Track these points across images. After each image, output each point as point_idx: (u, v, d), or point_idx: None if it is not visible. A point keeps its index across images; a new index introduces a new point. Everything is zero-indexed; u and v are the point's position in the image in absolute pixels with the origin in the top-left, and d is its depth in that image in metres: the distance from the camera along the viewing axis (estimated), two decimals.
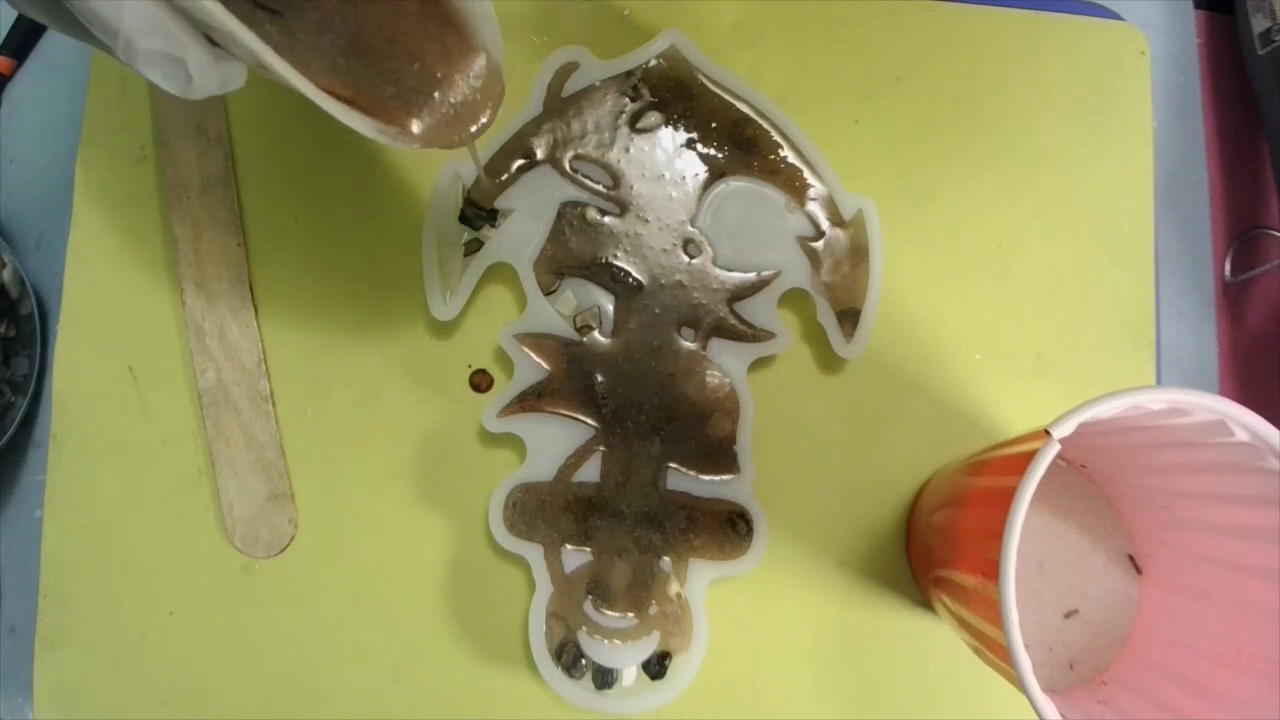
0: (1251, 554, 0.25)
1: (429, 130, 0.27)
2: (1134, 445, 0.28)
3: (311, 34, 0.27)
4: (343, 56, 0.27)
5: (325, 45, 0.27)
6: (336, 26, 0.27)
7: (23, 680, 0.32)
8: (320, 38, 0.27)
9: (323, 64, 0.27)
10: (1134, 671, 0.29)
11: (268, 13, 0.27)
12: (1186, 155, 0.37)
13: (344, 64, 0.27)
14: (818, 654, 0.33)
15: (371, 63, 0.28)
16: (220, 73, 0.24)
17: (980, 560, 0.25)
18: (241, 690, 0.32)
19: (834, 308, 0.33)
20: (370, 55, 0.28)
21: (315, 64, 0.27)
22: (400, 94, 0.27)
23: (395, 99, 0.27)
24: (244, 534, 0.32)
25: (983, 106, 0.36)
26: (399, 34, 0.27)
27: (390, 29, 0.27)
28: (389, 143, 0.26)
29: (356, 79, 0.27)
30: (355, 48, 0.27)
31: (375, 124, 0.25)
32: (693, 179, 0.33)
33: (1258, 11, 0.36)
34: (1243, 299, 0.37)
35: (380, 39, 0.27)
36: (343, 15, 0.27)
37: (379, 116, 0.26)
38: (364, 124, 0.25)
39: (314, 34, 0.27)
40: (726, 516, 0.32)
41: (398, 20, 0.27)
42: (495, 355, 0.34)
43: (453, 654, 0.32)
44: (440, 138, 0.27)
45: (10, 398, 0.34)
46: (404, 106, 0.27)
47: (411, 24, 0.27)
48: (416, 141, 0.27)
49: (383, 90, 0.27)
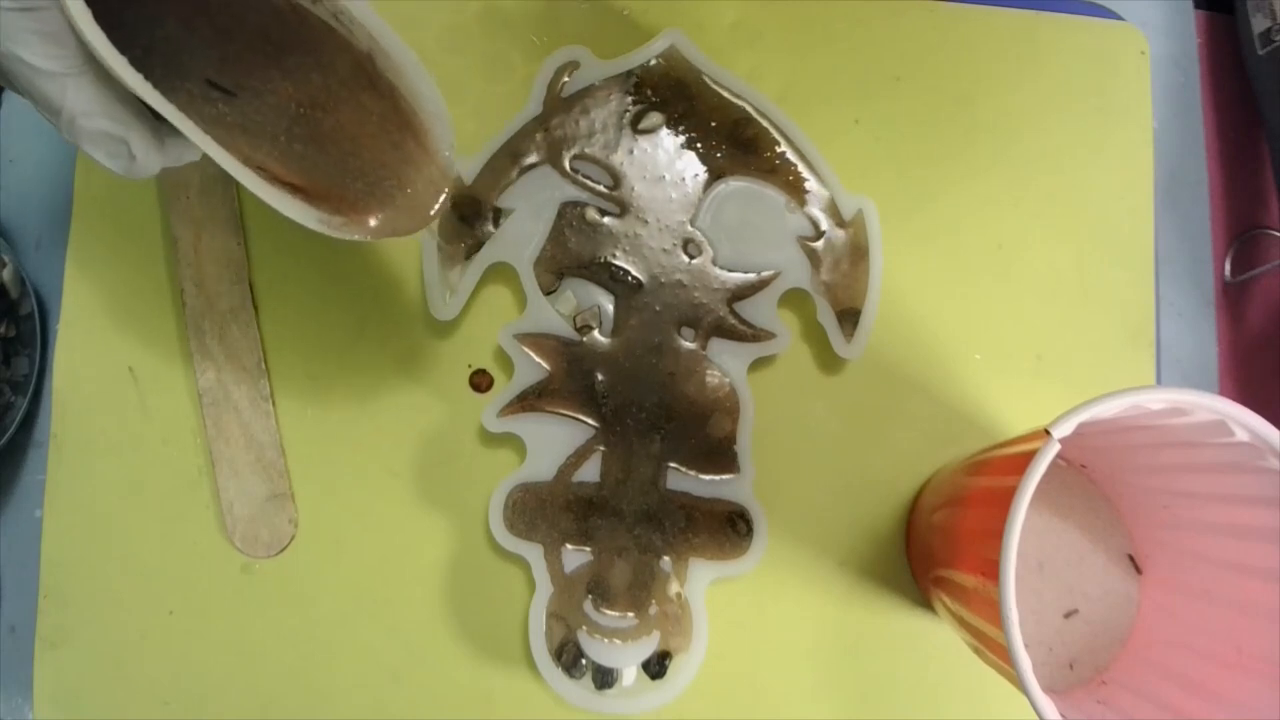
0: (1251, 554, 0.25)
1: (381, 224, 0.27)
2: (1134, 445, 0.28)
3: (268, 118, 0.27)
4: (300, 144, 0.28)
5: (280, 131, 0.27)
6: (293, 114, 0.27)
7: (23, 680, 0.32)
8: (275, 123, 0.27)
9: (277, 149, 0.27)
10: (1134, 671, 0.29)
11: (221, 92, 0.27)
12: (1186, 155, 0.37)
13: (300, 151, 0.28)
14: (818, 654, 0.33)
15: (330, 155, 0.28)
16: (169, 150, 0.24)
17: (980, 560, 0.25)
18: (241, 690, 0.32)
19: (834, 308, 0.33)
20: (328, 148, 0.28)
21: (269, 148, 0.27)
22: (360, 188, 0.28)
23: (354, 191, 0.27)
24: (244, 534, 0.32)
25: (983, 106, 0.36)
26: (360, 134, 0.27)
27: (351, 127, 0.27)
28: (332, 233, 0.26)
29: (312, 168, 0.27)
30: (313, 139, 0.28)
31: (318, 214, 0.25)
32: (693, 179, 0.33)
33: (1258, 11, 0.36)
34: (1243, 299, 0.37)
35: (340, 135, 0.28)
36: (299, 105, 0.27)
37: (329, 204, 0.26)
38: (304, 213, 0.25)
39: (270, 118, 0.27)
40: (726, 516, 0.32)
41: (359, 120, 0.27)
42: (495, 355, 0.34)
43: (453, 654, 0.32)
44: (390, 229, 0.27)
45: (10, 398, 0.34)
46: (362, 199, 0.27)
47: (372, 127, 0.27)
48: (367, 234, 0.27)
49: (340, 181, 0.27)
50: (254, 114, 0.27)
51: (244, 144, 0.27)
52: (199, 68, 0.27)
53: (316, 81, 0.26)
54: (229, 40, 0.26)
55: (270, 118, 0.27)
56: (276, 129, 0.27)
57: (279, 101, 0.27)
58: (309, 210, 0.25)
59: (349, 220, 0.26)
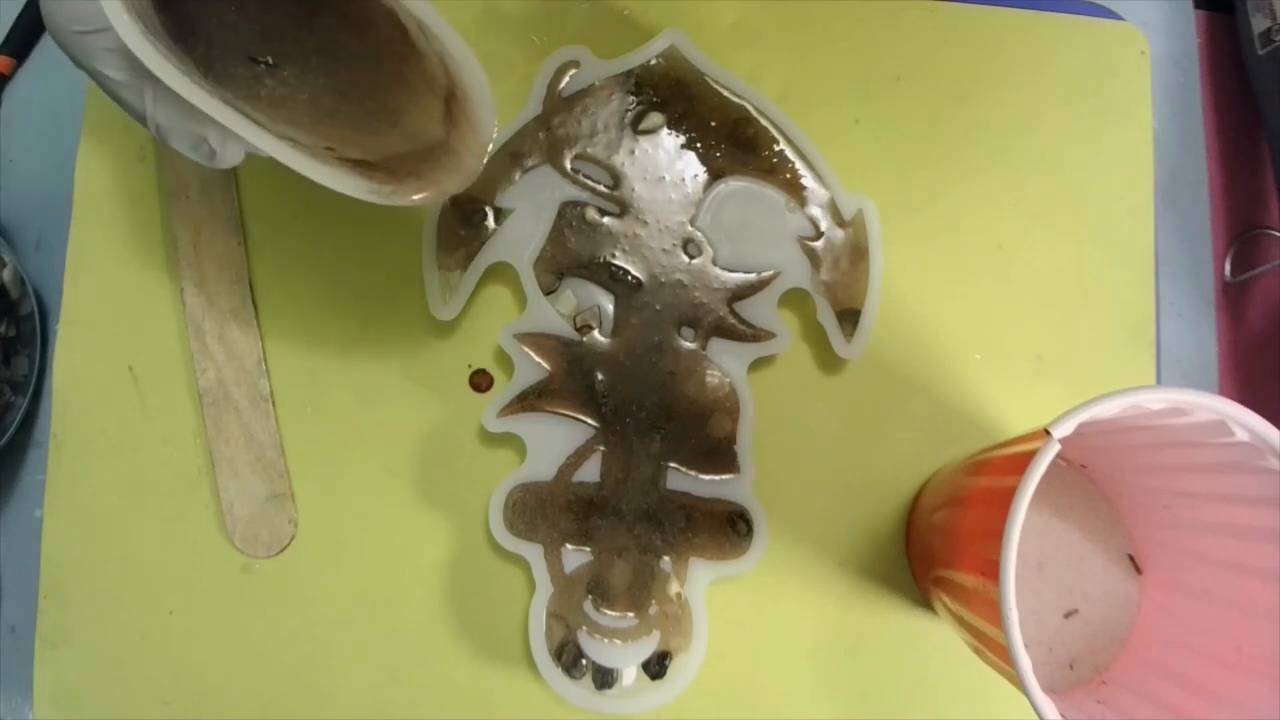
0: (1251, 554, 0.25)
1: (428, 185, 0.27)
2: (1134, 445, 0.28)
3: (311, 85, 0.28)
4: (345, 107, 0.28)
5: (323, 96, 0.28)
6: (334, 82, 0.28)
7: (23, 680, 0.32)
8: (316, 89, 0.28)
9: (322, 116, 0.28)
10: (1134, 671, 0.29)
11: (263, 66, 0.28)
12: (1186, 155, 0.37)
13: (346, 113, 0.28)
14: (818, 654, 0.33)
15: (373, 116, 0.28)
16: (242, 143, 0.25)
17: (980, 560, 0.25)
18: (241, 690, 0.32)
19: (834, 308, 0.33)
20: (371, 109, 0.28)
21: (313, 117, 0.28)
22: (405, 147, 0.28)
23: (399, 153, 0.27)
24: (244, 534, 0.32)
25: (983, 106, 0.36)
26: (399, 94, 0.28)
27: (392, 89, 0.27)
28: (383, 201, 0.26)
29: (357, 132, 0.28)
30: (356, 102, 0.28)
31: (368, 184, 0.25)
32: (693, 179, 0.33)
33: (1258, 11, 0.36)
34: (1243, 299, 0.37)
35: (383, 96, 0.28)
36: (338, 72, 0.28)
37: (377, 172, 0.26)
38: (354, 185, 0.25)
39: (312, 85, 0.28)
40: (726, 516, 0.32)
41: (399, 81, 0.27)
42: (495, 355, 0.34)
43: (453, 654, 0.32)
44: (438, 191, 0.27)
45: (10, 398, 0.34)
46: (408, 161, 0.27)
47: (412, 88, 0.27)
48: (417, 198, 0.26)
49: (385, 143, 0.28)
50: (297, 84, 0.28)
51: (294, 117, 0.27)
52: (244, 46, 0.27)
53: (355, 45, 0.27)
54: (268, 9, 0.27)
55: (312, 84, 0.28)
56: (318, 94, 0.28)
57: (319, 66, 0.28)
58: (359, 181, 0.25)
59: (397, 187, 0.26)
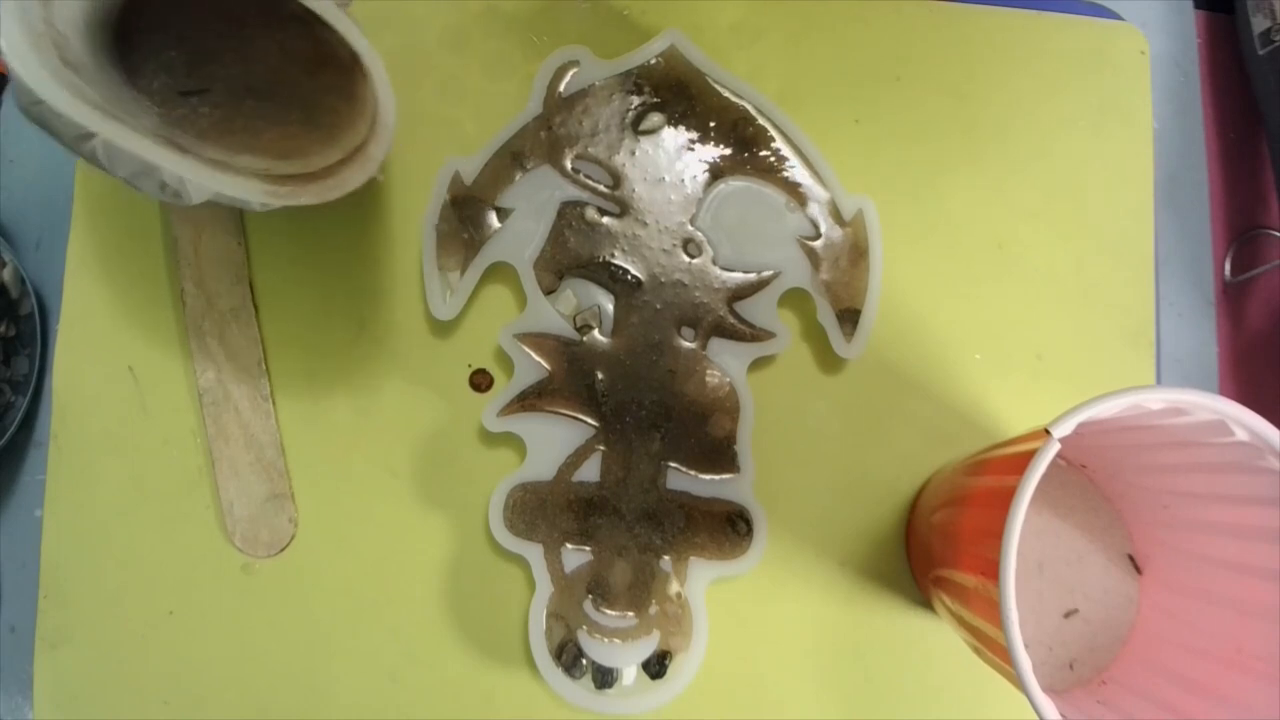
0: (1252, 554, 0.25)
1: (327, 179, 0.27)
2: (1134, 445, 0.28)
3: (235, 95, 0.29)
4: (255, 100, 0.29)
5: (246, 105, 0.29)
6: (240, 78, 0.29)
7: (23, 680, 0.32)
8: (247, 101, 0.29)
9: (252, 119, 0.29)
10: (1134, 671, 0.29)
11: (198, 95, 0.29)
12: (1186, 155, 0.37)
13: (257, 106, 0.29)
14: (818, 654, 0.33)
15: (281, 103, 0.29)
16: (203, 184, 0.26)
17: (980, 560, 0.25)
18: (241, 690, 0.32)
19: (834, 307, 0.33)
20: (285, 103, 0.29)
21: (244, 122, 0.29)
22: (317, 135, 0.29)
23: (312, 140, 0.28)
24: (244, 534, 0.32)
25: (983, 106, 0.36)
26: (296, 84, 0.28)
27: (282, 76, 0.28)
28: (279, 203, 0.26)
29: (275, 117, 0.29)
30: (266, 94, 0.29)
31: (263, 187, 0.26)
32: (693, 179, 0.33)
33: (1258, 11, 0.36)
34: (1243, 299, 0.37)
35: (283, 90, 0.29)
36: (244, 70, 0.29)
37: (293, 159, 0.28)
38: (248, 188, 0.26)
39: (236, 96, 0.29)
40: (726, 516, 0.32)
41: (287, 68, 0.28)
42: (495, 355, 0.34)
43: (453, 654, 0.32)
44: (338, 186, 0.27)
45: (10, 397, 0.34)
46: (320, 146, 0.28)
47: (298, 73, 0.28)
48: (316, 195, 0.27)
49: (301, 132, 0.29)
50: (225, 99, 0.29)
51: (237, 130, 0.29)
52: (184, 75, 0.29)
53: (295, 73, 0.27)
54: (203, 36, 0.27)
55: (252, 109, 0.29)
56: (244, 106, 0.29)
57: (230, 75, 0.29)
58: (252, 184, 0.26)
59: (296, 188, 0.27)
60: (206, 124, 0.29)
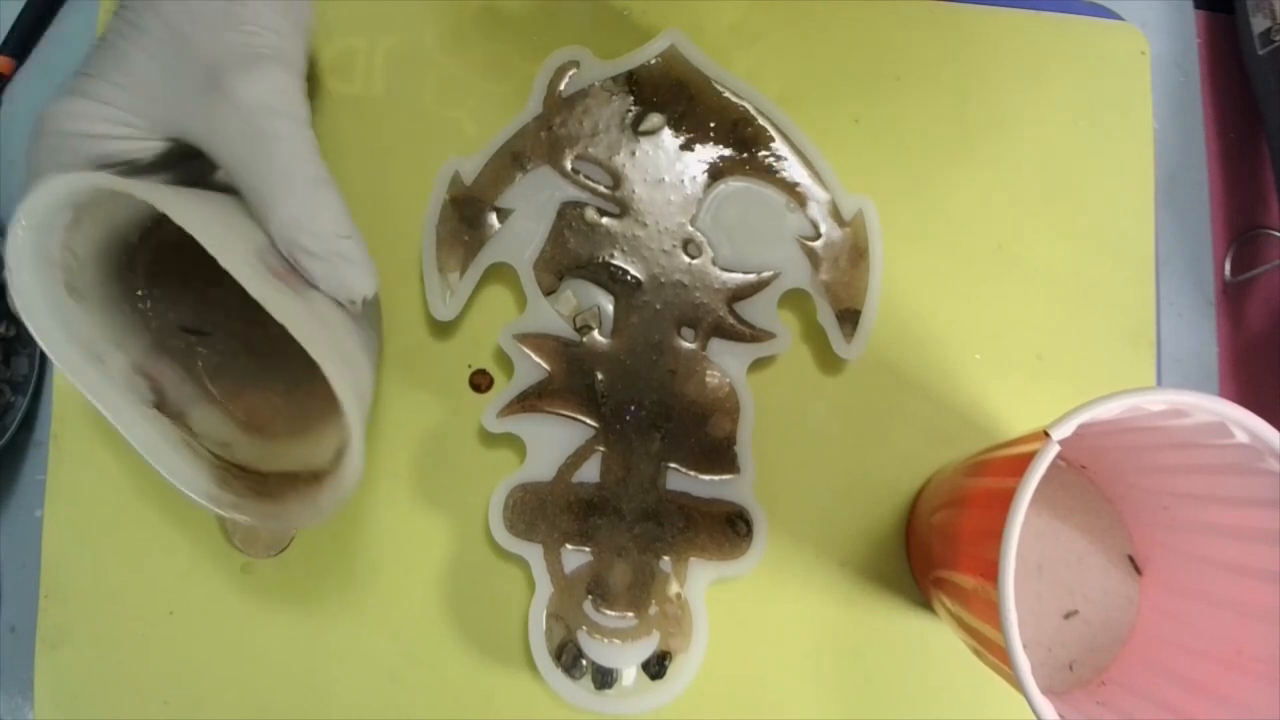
0: (1251, 555, 0.25)
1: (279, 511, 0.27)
2: (1134, 446, 0.28)
3: (233, 348, 0.30)
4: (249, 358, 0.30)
5: (240, 361, 0.30)
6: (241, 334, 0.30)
7: (23, 680, 0.32)
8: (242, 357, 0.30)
9: (240, 375, 0.30)
10: (1134, 672, 0.29)
11: (197, 335, 0.30)
12: (1186, 155, 0.37)
13: (249, 364, 0.30)
14: (818, 654, 0.33)
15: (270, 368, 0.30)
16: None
17: (980, 561, 0.25)
18: (241, 690, 0.32)
19: (834, 308, 0.33)
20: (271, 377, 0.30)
21: (232, 377, 0.30)
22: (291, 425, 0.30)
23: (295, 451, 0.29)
24: (244, 534, 0.32)
25: (983, 106, 0.36)
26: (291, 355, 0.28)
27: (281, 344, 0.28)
28: (218, 510, 0.27)
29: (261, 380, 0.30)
30: (261, 356, 0.30)
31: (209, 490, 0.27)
32: (693, 180, 0.33)
33: (1258, 11, 0.36)
34: (1243, 299, 0.37)
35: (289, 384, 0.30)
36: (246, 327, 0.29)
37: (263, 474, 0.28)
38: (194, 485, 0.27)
39: (233, 349, 0.30)
40: (726, 516, 0.32)
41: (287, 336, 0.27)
42: (495, 355, 0.34)
43: (453, 654, 0.32)
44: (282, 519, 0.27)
45: (10, 397, 0.34)
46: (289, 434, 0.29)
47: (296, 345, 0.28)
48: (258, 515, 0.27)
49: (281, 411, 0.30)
50: (225, 348, 0.30)
51: (233, 373, 0.30)
52: (185, 315, 0.30)
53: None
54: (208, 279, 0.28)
55: (240, 353, 0.30)
56: (243, 363, 0.30)
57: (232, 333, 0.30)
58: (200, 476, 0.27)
59: (240, 499, 0.27)
60: (198, 364, 0.30)
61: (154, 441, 0.26)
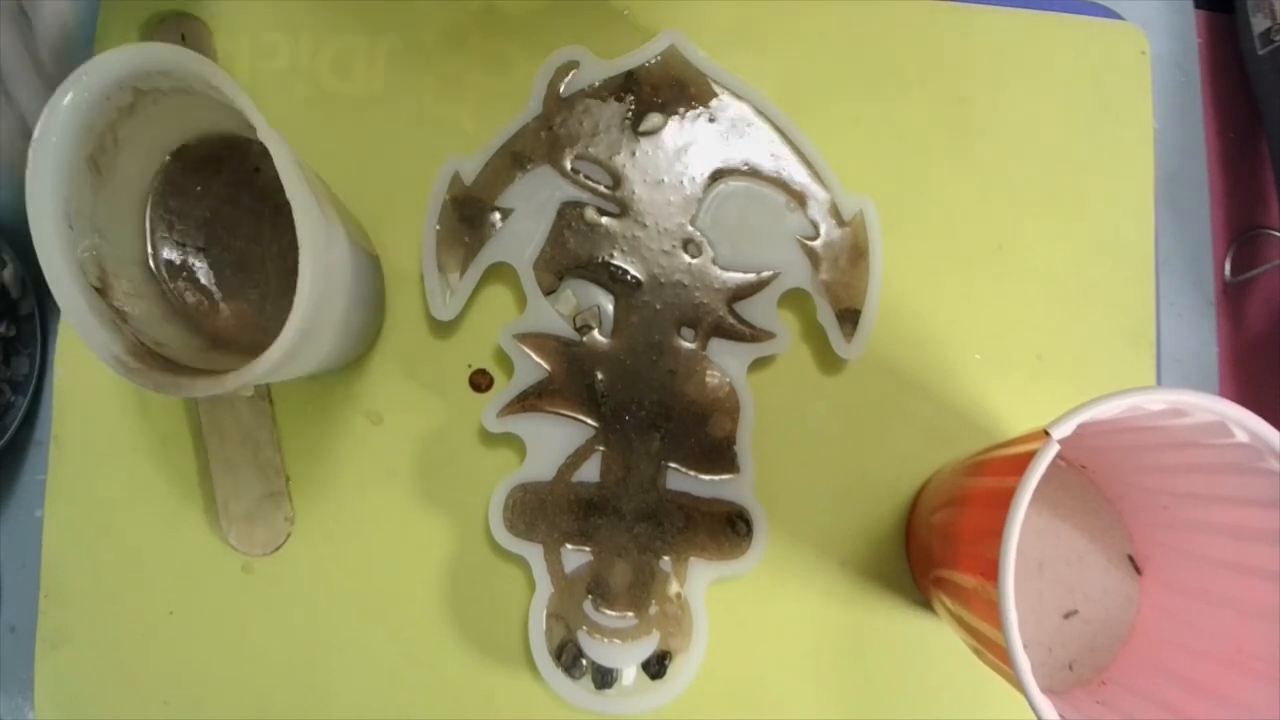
0: (1252, 555, 0.25)
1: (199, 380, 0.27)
2: (1134, 446, 0.28)
3: (221, 260, 0.30)
4: (232, 272, 0.30)
5: (225, 276, 0.30)
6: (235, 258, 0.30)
7: (23, 680, 0.32)
8: (222, 270, 0.30)
9: (231, 288, 0.30)
10: (1134, 672, 0.29)
11: (194, 250, 0.30)
12: (1186, 155, 0.37)
13: (232, 278, 0.30)
14: (818, 654, 0.33)
15: (248, 276, 0.30)
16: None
17: (980, 560, 0.25)
18: (241, 690, 0.32)
19: (834, 308, 0.33)
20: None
21: (221, 292, 0.30)
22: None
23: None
24: (240, 532, 0.32)
25: (983, 106, 0.36)
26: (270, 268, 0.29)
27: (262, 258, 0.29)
28: (126, 377, 0.26)
29: (239, 290, 0.30)
30: (243, 269, 0.30)
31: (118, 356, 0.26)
32: (692, 180, 0.33)
33: (1258, 11, 0.36)
34: (1243, 299, 0.37)
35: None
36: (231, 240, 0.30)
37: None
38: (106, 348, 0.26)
39: (221, 261, 0.30)
40: (726, 516, 0.32)
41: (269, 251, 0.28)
42: (495, 355, 0.34)
43: (453, 654, 0.32)
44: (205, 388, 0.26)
45: (10, 397, 0.34)
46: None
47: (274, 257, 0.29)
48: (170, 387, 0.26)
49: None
50: (213, 262, 0.30)
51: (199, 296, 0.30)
52: (192, 233, 0.30)
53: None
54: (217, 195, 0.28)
55: (223, 254, 0.30)
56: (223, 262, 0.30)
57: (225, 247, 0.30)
58: (110, 348, 0.26)
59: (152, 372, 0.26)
60: (197, 280, 0.30)
61: (78, 305, 0.25)
